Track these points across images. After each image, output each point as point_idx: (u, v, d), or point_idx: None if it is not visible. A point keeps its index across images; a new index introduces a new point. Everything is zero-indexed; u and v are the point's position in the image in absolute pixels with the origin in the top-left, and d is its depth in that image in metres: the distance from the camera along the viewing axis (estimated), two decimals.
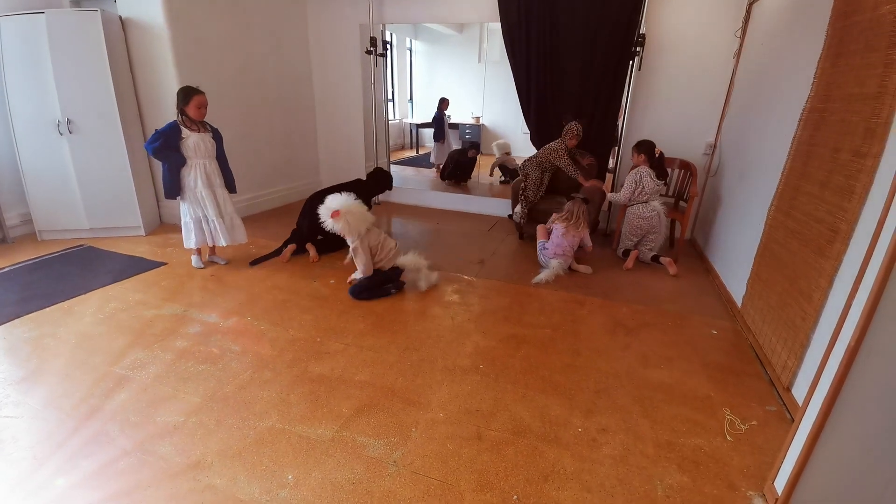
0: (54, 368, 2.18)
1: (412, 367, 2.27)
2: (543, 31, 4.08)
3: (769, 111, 2.97)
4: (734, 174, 3.48)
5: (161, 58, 3.76)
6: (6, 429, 1.80)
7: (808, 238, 2.14)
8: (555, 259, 3.43)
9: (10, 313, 2.65)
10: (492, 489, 1.58)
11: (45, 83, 3.47)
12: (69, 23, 3.43)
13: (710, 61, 3.94)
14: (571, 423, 1.92)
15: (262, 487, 1.56)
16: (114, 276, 3.19)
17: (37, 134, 3.57)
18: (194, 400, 1.99)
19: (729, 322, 2.84)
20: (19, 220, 3.85)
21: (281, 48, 4.82)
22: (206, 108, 3.04)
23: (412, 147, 8.10)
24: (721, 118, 4.00)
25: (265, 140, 4.81)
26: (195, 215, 3.19)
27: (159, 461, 1.66)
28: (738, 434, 1.89)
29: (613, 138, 4.34)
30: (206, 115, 3.07)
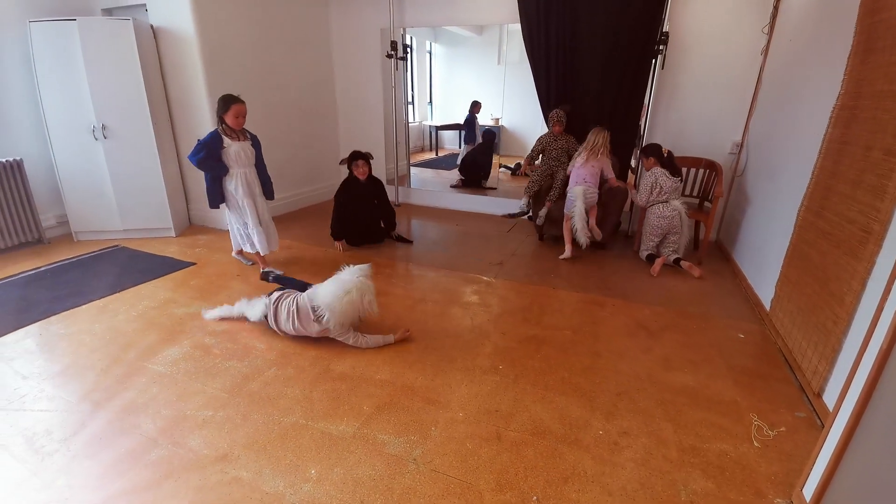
0: (89, 363, 2.28)
1: (432, 366, 2.29)
2: (563, 30, 4.06)
3: (798, 109, 2.89)
4: (762, 173, 3.39)
5: (190, 64, 3.89)
6: (40, 422, 1.89)
7: (840, 239, 2.07)
8: (577, 187, 3.61)
9: (46, 310, 2.79)
10: (511, 489, 1.59)
11: (79, 89, 3.62)
12: (102, 30, 3.57)
13: (736, 58, 3.85)
14: (592, 425, 1.91)
15: (287, 481, 1.60)
16: (145, 275, 3.31)
17: (73, 139, 3.73)
18: (222, 395, 2.05)
19: (756, 325, 2.77)
20: (56, 221, 4.04)
21: (304, 53, 4.92)
22: (245, 116, 3.06)
23: (432, 149, 8.14)
24: (748, 116, 3.91)
25: (288, 143, 4.91)
26: (239, 223, 3.26)
27: (189, 453, 1.72)
28: (766, 440, 1.84)
29: (635, 138, 4.28)
30: (244, 123, 3.10)
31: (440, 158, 7.82)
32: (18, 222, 3.71)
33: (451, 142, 8.14)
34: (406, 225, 4.78)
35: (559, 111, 4.04)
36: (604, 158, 3.70)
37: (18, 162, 3.65)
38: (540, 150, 4.17)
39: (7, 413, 1.93)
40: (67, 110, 3.66)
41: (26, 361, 2.30)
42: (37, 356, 2.35)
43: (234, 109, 2.99)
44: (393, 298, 3.03)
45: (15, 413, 1.93)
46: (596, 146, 3.68)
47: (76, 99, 3.64)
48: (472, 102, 6.54)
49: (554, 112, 4.05)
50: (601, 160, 3.69)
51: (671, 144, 4.18)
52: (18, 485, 1.58)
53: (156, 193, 4.00)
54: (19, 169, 3.66)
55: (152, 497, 1.54)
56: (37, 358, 2.34)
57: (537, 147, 4.18)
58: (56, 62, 3.56)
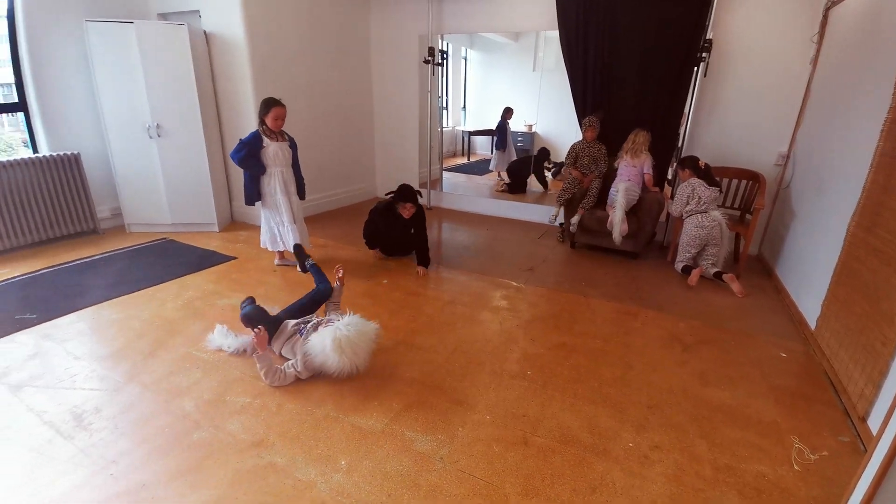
0: (138, 347, 2.42)
1: (460, 368, 2.31)
2: (602, 37, 4.03)
3: (849, 120, 2.77)
4: (810, 186, 3.26)
5: (239, 69, 4.08)
6: (90, 400, 2.01)
7: (892, 256, 1.98)
8: (621, 183, 3.74)
9: (100, 296, 2.97)
10: (538, 495, 1.59)
11: (136, 89, 3.85)
12: (158, 34, 3.78)
13: (783, 67, 3.72)
14: (622, 436, 1.88)
15: (318, 470, 1.66)
16: (190, 267, 3.48)
17: (129, 136, 3.96)
18: (259, 384, 2.13)
19: (800, 344, 2.66)
20: (110, 213, 4.29)
21: (345, 60, 5.06)
22: (284, 119, 3.20)
23: (464, 154, 8.19)
24: (795, 127, 3.76)
25: (326, 146, 5.06)
26: (274, 220, 3.38)
27: (228, 437, 1.81)
28: (807, 464, 1.77)
29: (673, 146, 4.19)
30: (282, 126, 3.24)
31: (472, 163, 7.86)
32: (76, 213, 3.96)
33: (483, 147, 8.18)
34: (437, 229, 4.83)
35: (592, 117, 4.04)
36: (644, 156, 3.81)
37: (76, 155, 3.91)
38: (574, 157, 4.14)
39: (57, 391, 2.06)
40: (124, 109, 3.90)
41: (79, 343, 2.45)
42: (88, 339, 2.51)
43: (273, 112, 3.12)
44: (423, 300, 3.07)
45: (66, 391, 2.07)
46: (637, 144, 3.79)
47: (133, 98, 3.87)
48: (504, 108, 6.56)
49: (587, 118, 4.05)
50: (642, 158, 3.80)
51: (712, 154, 4.08)
52: (66, 460, 1.68)
53: (202, 190, 4.19)
54: (77, 162, 3.91)
55: (193, 476, 1.62)
56: (88, 340, 2.49)
57: (571, 154, 4.17)
58: (113, 62, 3.78)
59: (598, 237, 4.00)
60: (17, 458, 1.69)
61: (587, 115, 4.15)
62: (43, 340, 2.46)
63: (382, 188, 6.04)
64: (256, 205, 3.36)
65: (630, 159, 3.82)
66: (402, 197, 3.44)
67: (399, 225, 3.56)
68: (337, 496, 1.55)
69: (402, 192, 3.45)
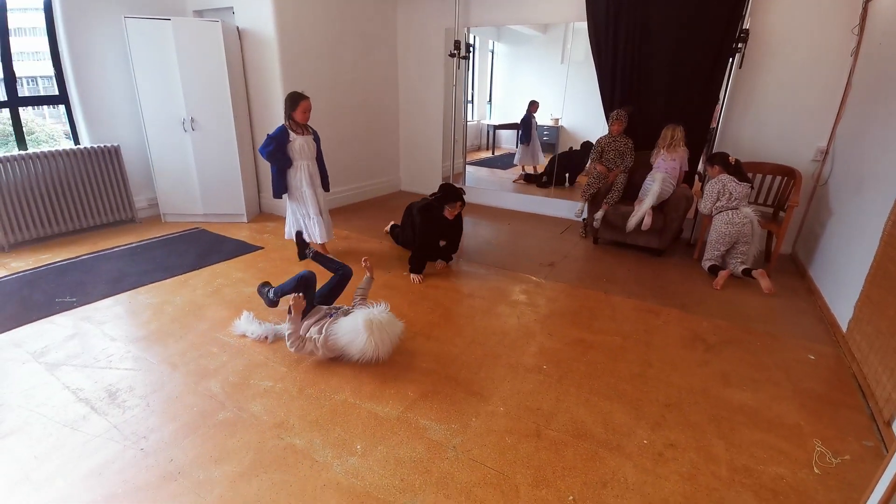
0: (170, 331, 2.55)
1: (476, 360, 2.33)
2: (633, 28, 3.93)
3: (890, 116, 2.63)
4: (848, 184, 3.12)
5: (269, 65, 4.18)
6: (124, 379, 2.13)
7: None
8: (658, 173, 3.69)
9: (135, 282, 3.13)
10: (548, 487, 1.60)
11: (173, 84, 4.00)
12: (194, 31, 3.92)
13: (823, 59, 3.54)
14: (636, 433, 1.87)
15: (335, 453, 1.72)
16: (220, 255, 3.61)
17: (165, 129, 4.13)
18: (281, 369, 2.22)
19: (830, 347, 2.56)
20: (146, 203, 4.49)
21: (372, 55, 5.12)
22: (310, 112, 3.30)
23: (488, 148, 8.15)
24: (836, 122, 3.59)
25: (351, 139, 5.14)
26: (300, 213, 3.47)
27: (251, 418, 1.89)
28: (828, 468, 1.72)
29: (705, 140, 4.07)
30: (310, 118, 3.32)
31: (496, 158, 7.81)
32: (115, 202, 4.17)
33: (509, 141, 8.09)
34: None
35: (620, 111, 3.96)
36: (682, 150, 3.74)
37: (116, 148, 4.11)
38: (599, 151, 4.08)
39: (94, 370, 2.20)
40: (162, 103, 4.06)
41: (115, 325, 2.60)
42: (125, 321, 2.65)
43: (302, 105, 3.21)
44: (442, 292, 3.11)
45: (101, 370, 2.20)
46: (675, 140, 3.71)
47: (170, 93, 4.03)
48: (530, 102, 6.48)
49: (615, 111, 3.98)
50: (679, 153, 3.73)
51: (746, 148, 3.94)
52: (98, 434, 1.80)
53: (232, 182, 4.34)
54: (117, 154, 4.11)
55: (218, 453, 1.71)
56: (124, 323, 2.64)
57: (597, 149, 4.10)
58: (152, 58, 3.94)
59: (621, 233, 3.93)
60: (52, 432, 1.81)
61: (615, 109, 4.07)
62: (81, 322, 2.62)
63: (406, 182, 6.11)
64: (283, 197, 3.46)
65: (667, 153, 3.75)
66: (451, 196, 3.20)
67: (441, 227, 3.35)
68: (351, 478, 1.61)
69: (451, 191, 3.22)
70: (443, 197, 3.24)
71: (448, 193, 3.22)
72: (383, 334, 2.13)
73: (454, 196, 3.21)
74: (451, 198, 3.22)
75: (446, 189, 3.25)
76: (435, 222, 3.32)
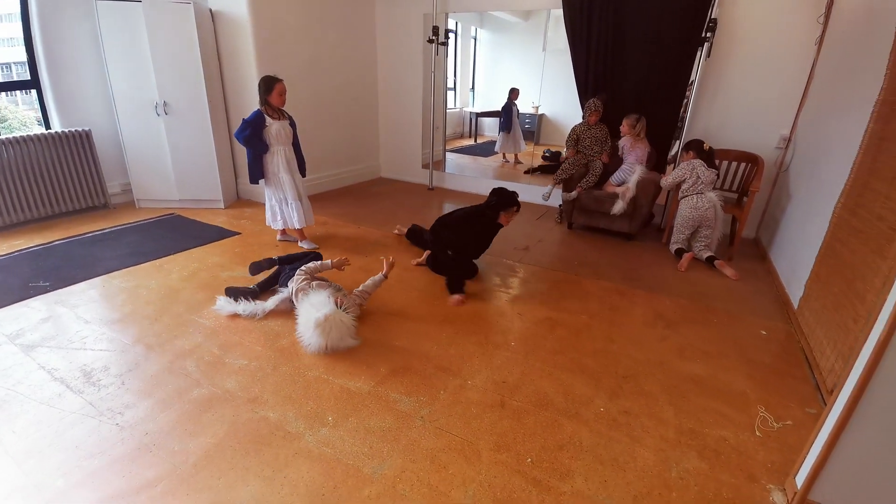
0: (145, 313, 2.57)
1: (447, 338, 2.42)
2: (606, 15, 4.00)
3: (846, 103, 2.77)
4: (805, 169, 3.27)
5: (244, 48, 4.14)
6: (99, 360, 2.16)
7: (869, 236, 2.02)
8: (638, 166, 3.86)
9: (110, 266, 3.12)
10: (508, 451, 1.70)
11: (145, 68, 3.94)
12: (165, 13, 3.85)
13: (789, 49, 3.67)
14: (594, 402, 1.98)
15: (307, 424, 1.79)
16: (196, 241, 3.62)
17: (137, 113, 4.08)
18: (256, 348, 2.27)
19: (782, 324, 2.72)
20: (120, 189, 4.44)
21: (349, 38, 5.09)
22: (286, 95, 3.28)
23: (471, 136, 8.18)
24: (798, 110, 3.73)
25: (330, 125, 5.13)
26: (276, 198, 3.45)
27: (225, 394, 1.95)
28: (769, 431, 1.86)
29: (674, 128, 4.19)
30: (286, 102, 3.31)
31: (478, 145, 7.86)
32: (87, 188, 4.12)
33: (491, 129, 8.14)
34: (438, 210, 4.90)
35: (596, 101, 4.03)
36: (645, 142, 3.93)
37: (87, 132, 4.04)
38: (575, 139, 4.16)
39: (68, 351, 2.22)
40: (133, 86, 4.00)
41: (89, 309, 2.61)
42: (99, 304, 2.66)
43: (277, 88, 3.19)
44: (417, 275, 3.18)
45: (76, 351, 2.22)
46: (642, 129, 3.90)
47: (141, 76, 3.97)
48: (511, 89, 6.53)
49: (591, 101, 4.05)
50: (643, 143, 3.92)
51: (714, 136, 4.07)
52: (75, 411, 1.83)
53: (208, 167, 4.31)
54: (88, 139, 4.05)
55: (193, 426, 1.77)
56: (99, 306, 2.65)
57: (572, 136, 4.18)
58: (122, 41, 3.87)
59: (595, 217, 4.05)
60: (29, 409, 1.84)
61: (590, 96, 4.15)
62: (56, 306, 2.62)
63: (386, 168, 6.13)
64: (261, 183, 3.45)
65: (636, 142, 3.91)
66: (509, 201, 2.94)
67: (491, 234, 3.13)
68: (322, 446, 1.69)
69: (508, 197, 2.95)
70: (499, 203, 2.94)
71: (506, 199, 2.95)
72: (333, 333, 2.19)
73: (511, 201, 2.95)
74: (509, 203, 2.95)
75: (502, 194, 2.97)
76: (488, 232, 3.09)
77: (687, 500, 1.53)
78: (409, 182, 5.88)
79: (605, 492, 1.55)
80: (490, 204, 2.97)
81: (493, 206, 2.96)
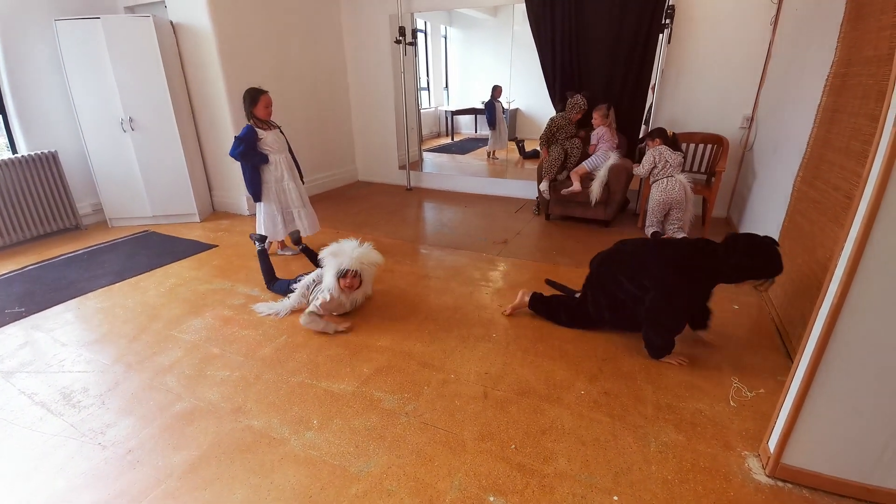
0: (123, 332, 2.54)
1: (429, 334, 2.44)
2: (568, 6, 4.06)
3: (801, 79, 2.86)
4: (767, 147, 3.37)
5: (208, 58, 4.10)
6: (78, 381, 2.13)
7: (827, 207, 2.10)
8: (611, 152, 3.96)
9: (83, 288, 3.07)
10: (492, 439, 1.73)
11: (107, 85, 3.88)
12: (125, 28, 3.79)
13: (745, 30, 3.78)
14: (575, 386, 2.02)
15: (292, 429, 1.80)
16: (173, 256, 3.57)
17: (103, 131, 4.00)
18: (238, 358, 2.26)
19: (753, 299, 2.80)
20: (91, 209, 4.36)
21: (316, 43, 5.07)
22: (272, 106, 3.18)
23: (448, 135, 8.21)
24: (758, 89, 3.85)
25: (303, 132, 5.09)
26: (279, 207, 3.34)
27: (208, 406, 1.94)
28: (743, 401, 1.92)
29: (642, 114, 4.27)
30: (272, 113, 3.22)
31: (455, 143, 7.90)
32: (57, 210, 4.03)
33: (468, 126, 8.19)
34: (417, 208, 4.92)
35: (581, 99, 4.01)
36: (614, 130, 4.03)
37: (54, 154, 3.96)
38: (554, 130, 4.12)
39: (47, 375, 2.18)
40: (97, 104, 3.93)
41: (65, 331, 2.57)
42: (75, 327, 2.62)
43: (263, 100, 3.11)
44: (398, 275, 3.19)
45: (54, 374, 2.18)
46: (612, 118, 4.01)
47: (105, 93, 3.90)
48: (493, 86, 6.52)
49: (579, 99, 4.00)
50: (613, 130, 4.02)
51: (680, 120, 4.17)
52: (57, 433, 1.81)
53: (181, 182, 4.26)
54: (55, 160, 3.97)
55: (176, 440, 1.76)
56: (75, 328, 2.61)
57: (551, 128, 4.13)
58: (84, 59, 3.81)
59: (571, 207, 4.12)
60: (12, 433, 1.82)
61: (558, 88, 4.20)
62: (32, 331, 2.57)
63: (363, 172, 6.12)
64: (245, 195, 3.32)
65: (608, 130, 3.99)
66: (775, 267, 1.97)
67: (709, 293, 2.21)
68: (307, 449, 1.70)
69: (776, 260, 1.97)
70: (765, 268, 1.98)
71: (773, 263, 1.97)
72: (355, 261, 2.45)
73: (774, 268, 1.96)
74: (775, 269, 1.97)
75: (770, 256, 1.97)
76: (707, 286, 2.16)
77: (666, 471, 1.58)
78: (388, 184, 5.89)
79: (586, 471, 1.59)
80: (750, 264, 1.98)
81: (755, 271, 1.99)
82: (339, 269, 2.45)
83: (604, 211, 3.98)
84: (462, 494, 1.51)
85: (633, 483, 1.54)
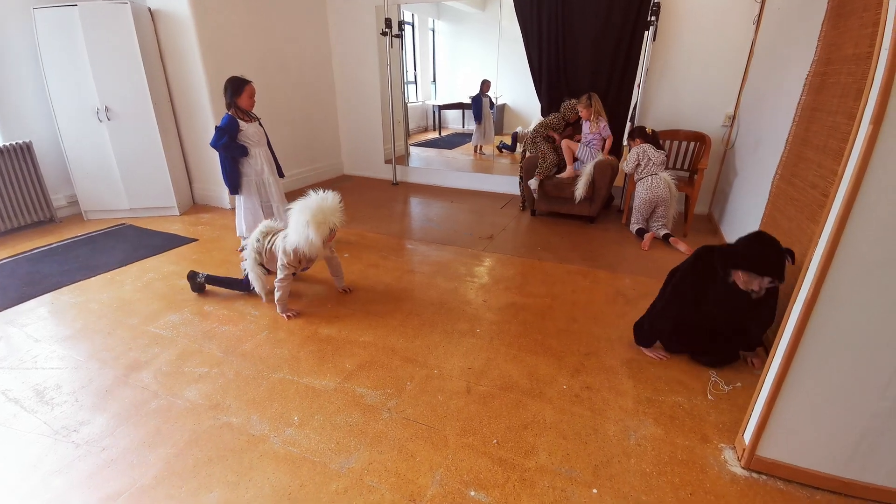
0: (97, 328, 2.47)
1: (413, 330, 2.43)
2: (555, 3, 4.06)
3: (782, 78, 2.90)
4: (748, 145, 3.42)
5: (188, 47, 3.99)
6: (50, 378, 2.08)
7: (804, 204, 2.14)
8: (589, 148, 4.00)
9: (57, 282, 2.98)
10: (474, 434, 1.73)
11: (83, 73, 3.76)
12: (101, 15, 3.68)
13: (729, 29, 3.82)
14: (557, 381, 2.03)
15: (271, 426, 1.77)
16: (151, 250, 3.49)
17: (78, 121, 3.88)
18: (217, 354, 2.22)
19: None
20: (66, 201, 4.23)
21: (301, 34, 4.98)
22: (255, 96, 3.10)
23: (435, 129, 8.17)
24: (741, 88, 3.90)
25: (287, 124, 5.02)
26: (260, 202, 3.26)
27: (185, 403, 1.90)
28: (721, 394, 1.95)
29: (627, 112, 4.30)
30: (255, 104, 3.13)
31: (442, 138, 7.86)
32: (30, 202, 3.90)
33: (455, 121, 8.16)
34: (403, 203, 4.89)
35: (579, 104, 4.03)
36: (603, 121, 3.99)
37: (28, 144, 3.82)
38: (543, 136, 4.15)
39: (20, 371, 2.12)
40: (72, 93, 3.80)
41: (39, 327, 2.49)
42: (48, 322, 2.55)
43: (247, 90, 3.02)
44: (383, 270, 3.17)
45: (27, 371, 2.12)
46: (598, 110, 3.96)
47: (80, 82, 3.78)
48: (482, 81, 6.49)
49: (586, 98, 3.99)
50: (601, 123, 3.97)
51: (664, 118, 4.20)
52: (30, 431, 1.76)
53: (159, 173, 4.15)
54: (29, 151, 3.83)
55: (152, 439, 1.72)
56: (48, 324, 2.53)
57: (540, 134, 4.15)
58: (60, 47, 3.68)
59: (556, 203, 4.13)
60: None
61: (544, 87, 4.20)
62: (5, 326, 2.49)
63: (349, 166, 6.05)
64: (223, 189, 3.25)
65: (595, 119, 3.96)
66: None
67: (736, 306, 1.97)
68: (288, 446, 1.67)
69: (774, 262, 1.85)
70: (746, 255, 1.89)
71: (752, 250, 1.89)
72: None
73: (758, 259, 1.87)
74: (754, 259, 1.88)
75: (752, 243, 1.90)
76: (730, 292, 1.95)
77: (644, 464, 1.60)
78: (374, 178, 5.84)
79: (567, 464, 1.60)
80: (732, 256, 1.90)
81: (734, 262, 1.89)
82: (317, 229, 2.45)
83: (589, 207, 4.00)
84: (443, 489, 1.51)
85: (612, 476, 1.56)
